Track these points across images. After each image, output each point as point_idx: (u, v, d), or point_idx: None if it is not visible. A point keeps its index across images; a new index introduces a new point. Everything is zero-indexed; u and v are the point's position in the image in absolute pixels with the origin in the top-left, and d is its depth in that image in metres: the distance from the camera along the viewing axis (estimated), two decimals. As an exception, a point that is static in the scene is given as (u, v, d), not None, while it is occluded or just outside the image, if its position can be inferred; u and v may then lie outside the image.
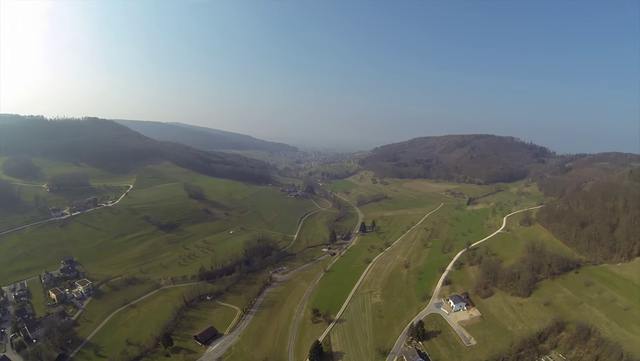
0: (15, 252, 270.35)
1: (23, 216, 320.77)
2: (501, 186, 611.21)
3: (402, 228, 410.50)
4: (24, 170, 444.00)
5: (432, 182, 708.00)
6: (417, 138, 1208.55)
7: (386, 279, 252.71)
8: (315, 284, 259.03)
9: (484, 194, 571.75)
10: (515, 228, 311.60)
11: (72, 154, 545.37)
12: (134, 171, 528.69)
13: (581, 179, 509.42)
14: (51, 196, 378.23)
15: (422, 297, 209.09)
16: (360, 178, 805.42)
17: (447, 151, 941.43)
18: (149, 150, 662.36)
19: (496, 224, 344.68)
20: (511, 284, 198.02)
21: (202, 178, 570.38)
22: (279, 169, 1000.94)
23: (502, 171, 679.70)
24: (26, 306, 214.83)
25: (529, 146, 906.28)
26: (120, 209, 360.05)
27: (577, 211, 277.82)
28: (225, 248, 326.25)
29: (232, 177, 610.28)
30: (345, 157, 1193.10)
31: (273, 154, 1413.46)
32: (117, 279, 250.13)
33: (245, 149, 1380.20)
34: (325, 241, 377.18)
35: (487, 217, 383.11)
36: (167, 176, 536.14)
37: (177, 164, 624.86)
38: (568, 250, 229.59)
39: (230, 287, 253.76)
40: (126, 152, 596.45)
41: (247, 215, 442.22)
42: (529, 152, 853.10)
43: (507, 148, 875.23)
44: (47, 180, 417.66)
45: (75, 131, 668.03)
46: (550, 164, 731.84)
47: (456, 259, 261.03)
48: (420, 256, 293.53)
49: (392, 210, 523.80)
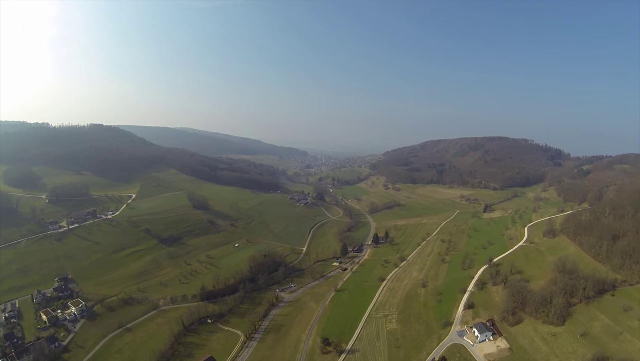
0: (9, 268, 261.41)
1: (19, 229, 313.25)
2: (517, 191, 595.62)
3: (417, 239, 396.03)
4: (23, 180, 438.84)
5: (445, 187, 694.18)
6: (428, 141, 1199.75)
7: (402, 300, 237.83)
8: (325, 305, 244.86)
9: (500, 200, 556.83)
10: (538, 240, 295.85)
11: (75, 162, 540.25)
12: (137, 180, 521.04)
13: (602, 184, 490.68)
14: (50, 207, 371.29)
15: (442, 323, 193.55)
16: (371, 184, 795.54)
17: (460, 155, 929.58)
18: (153, 157, 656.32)
19: (517, 235, 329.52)
20: (542, 310, 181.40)
21: (208, 186, 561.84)
22: (289, 174, 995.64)
23: (518, 176, 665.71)
24: (15, 329, 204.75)
25: (544, 148, 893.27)
26: (120, 222, 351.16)
27: (607, 222, 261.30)
28: (230, 263, 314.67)
29: (239, 184, 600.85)
30: (355, 162, 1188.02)
31: (282, 159, 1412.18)
32: (112, 299, 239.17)
33: (254, 154, 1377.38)
34: (336, 254, 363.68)
35: (507, 227, 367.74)
36: (172, 185, 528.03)
37: (183, 172, 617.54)
38: (601, 268, 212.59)
39: (233, 308, 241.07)
40: (130, 160, 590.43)
41: (254, 226, 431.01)
42: (544, 155, 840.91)
43: (522, 151, 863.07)
44: (47, 190, 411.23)
45: (78, 139, 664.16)
46: (566, 167, 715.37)
47: (478, 278, 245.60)
48: (439, 273, 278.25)
49: (406, 218, 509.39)
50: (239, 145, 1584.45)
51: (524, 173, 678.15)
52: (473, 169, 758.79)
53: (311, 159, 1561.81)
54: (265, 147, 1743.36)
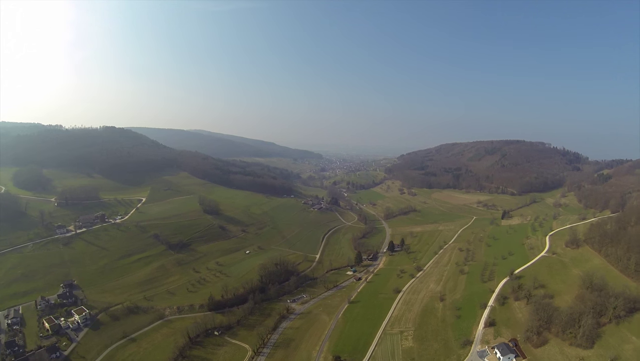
0: (14, 273, 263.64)
1: (27, 232, 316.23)
2: (536, 196, 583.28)
3: (433, 247, 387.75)
4: (34, 182, 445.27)
5: (462, 192, 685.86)
6: (444, 144, 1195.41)
7: (419, 315, 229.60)
8: (338, 318, 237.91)
9: (518, 206, 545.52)
10: (561, 251, 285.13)
11: (86, 165, 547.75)
12: (148, 183, 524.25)
13: (624, 190, 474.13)
14: (59, 210, 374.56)
15: (462, 343, 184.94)
16: (387, 188, 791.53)
17: (476, 159, 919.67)
18: (165, 160, 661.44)
19: (538, 244, 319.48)
20: (569, 331, 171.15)
21: (220, 190, 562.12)
22: (303, 178, 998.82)
23: (536, 180, 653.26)
24: (17, 337, 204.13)
25: (562, 152, 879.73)
26: (128, 226, 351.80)
27: (634, 233, 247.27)
28: (240, 271, 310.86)
29: (252, 188, 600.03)
30: (370, 165, 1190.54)
31: (297, 162, 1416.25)
32: (117, 307, 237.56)
33: (268, 157, 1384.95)
34: (350, 262, 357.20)
35: (527, 235, 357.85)
36: (183, 188, 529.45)
37: (195, 175, 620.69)
38: (631, 284, 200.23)
39: (241, 320, 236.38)
40: (141, 163, 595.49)
41: (266, 232, 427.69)
42: (562, 159, 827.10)
43: (540, 155, 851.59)
44: (57, 193, 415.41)
45: (90, 141, 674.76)
46: (586, 172, 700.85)
47: (498, 292, 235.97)
48: (457, 285, 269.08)
49: (422, 225, 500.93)
50: (253, 148, 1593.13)
51: (542, 178, 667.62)
52: (490, 173, 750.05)
53: (326, 162, 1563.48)
54: (279, 150, 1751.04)
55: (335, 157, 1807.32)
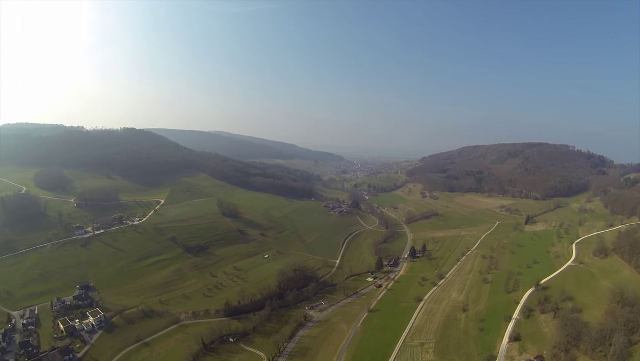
0: (32, 273, 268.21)
1: (46, 233, 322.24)
2: (560, 201, 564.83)
3: (456, 254, 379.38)
4: (54, 183, 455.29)
5: (484, 196, 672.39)
6: (465, 147, 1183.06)
7: (440, 326, 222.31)
8: (357, 327, 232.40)
9: (542, 211, 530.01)
10: (588, 260, 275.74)
11: (106, 166, 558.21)
12: (167, 185, 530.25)
13: None
14: (77, 211, 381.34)
15: (485, 358, 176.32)
16: (408, 191, 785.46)
17: (499, 162, 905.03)
18: (185, 162, 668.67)
19: (565, 253, 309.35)
20: (599, 350, 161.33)
21: (239, 193, 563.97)
22: (324, 180, 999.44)
23: (560, 185, 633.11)
24: (32, 337, 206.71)
25: (586, 155, 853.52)
26: (146, 228, 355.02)
27: None
28: (257, 276, 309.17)
29: (272, 191, 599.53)
30: (392, 167, 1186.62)
31: (318, 164, 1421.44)
32: (132, 310, 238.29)
33: (289, 159, 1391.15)
34: (371, 268, 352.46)
35: (553, 243, 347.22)
36: (202, 190, 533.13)
37: (214, 177, 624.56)
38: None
39: (258, 326, 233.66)
40: (161, 165, 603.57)
41: (285, 236, 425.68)
42: (587, 162, 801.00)
43: (563, 158, 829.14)
44: (77, 194, 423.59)
45: (111, 143, 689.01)
46: (612, 176, 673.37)
47: (524, 303, 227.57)
48: (480, 295, 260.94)
49: (444, 230, 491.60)
50: (273, 149, 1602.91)
51: (567, 182, 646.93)
52: (513, 177, 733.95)
53: (347, 164, 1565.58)
54: (300, 152, 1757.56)
55: (356, 159, 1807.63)
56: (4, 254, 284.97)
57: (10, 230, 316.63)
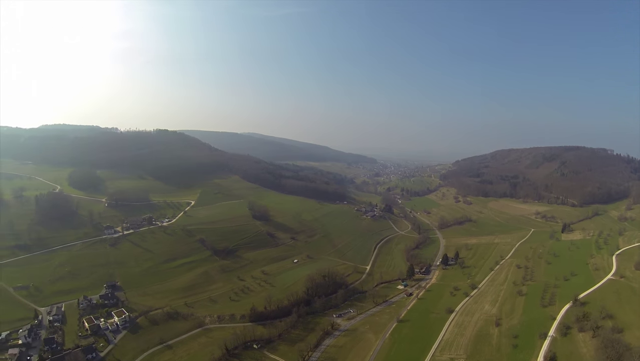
0: (61, 270, 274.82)
1: (76, 231, 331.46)
2: (599, 208, 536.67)
3: (489, 263, 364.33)
4: (87, 182, 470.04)
5: (519, 202, 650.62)
6: (499, 151, 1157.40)
7: (472, 340, 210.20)
8: (385, 338, 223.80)
9: (579, 219, 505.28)
10: (630, 274, 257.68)
11: (138, 167, 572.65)
12: (198, 186, 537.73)
13: None
14: (108, 211, 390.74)
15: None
16: (442, 196, 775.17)
17: (534, 166, 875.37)
18: (216, 163, 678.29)
19: (604, 265, 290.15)
20: None
21: (271, 195, 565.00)
22: (357, 183, 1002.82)
23: (599, 191, 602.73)
24: (57, 334, 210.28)
25: (626, 159, 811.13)
26: (175, 230, 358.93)
27: None
28: (285, 281, 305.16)
29: (304, 194, 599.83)
30: (425, 171, 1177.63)
31: (351, 166, 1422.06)
32: (157, 312, 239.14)
33: (322, 161, 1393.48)
34: (402, 276, 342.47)
35: (592, 254, 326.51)
36: (233, 192, 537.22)
37: (246, 179, 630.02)
38: None
39: (283, 333, 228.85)
40: (192, 166, 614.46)
41: (316, 240, 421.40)
42: (627, 167, 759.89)
43: (602, 163, 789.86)
44: (108, 194, 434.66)
45: (143, 144, 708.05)
46: None
47: (560, 320, 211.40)
48: (514, 308, 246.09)
49: (477, 236, 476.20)
50: (305, 151, 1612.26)
51: (606, 188, 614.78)
52: (549, 182, 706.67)
53: (380, 167, 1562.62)
54: (333, 154, 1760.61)
55: (389, 161, 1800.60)
56: (35, 251, 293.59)
57: (42, 228, 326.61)
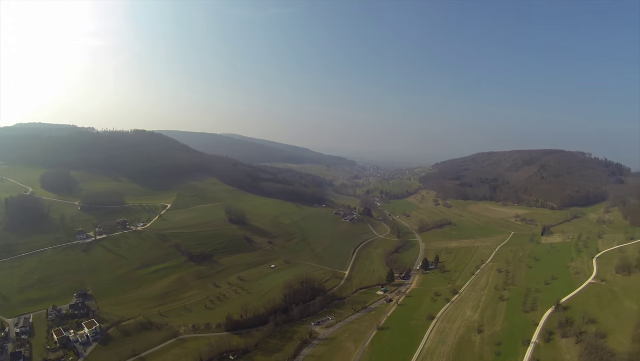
0: (30, 278, 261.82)
1: (47, 236, 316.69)
2: (577, 211, 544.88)
3: (470, 267, 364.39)
4: (60, 184, 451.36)
5: (499, 205, 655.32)
6: (479, 153, 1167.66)
7: (453, 348, 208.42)
8: (365, 347, 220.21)
9: (558, 222, 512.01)
10: (611, 278, 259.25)
11: (114, 168, 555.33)
12: (175, 189, 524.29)
13: None
14: (81, 214, 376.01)
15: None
16: (421, 199, 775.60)
17: (514, 169, 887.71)
18: (194, 165, 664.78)
19: (585, 269, 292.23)
20: None
21: (248, 198, 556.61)
22: (336, 185, 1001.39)
23: (578, 194, 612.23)
24: (24, 348, 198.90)
25: (604, 162, 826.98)
26: (149, 234, 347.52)
27: None
28: (262, 288, 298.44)
29: (283, 197, 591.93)
30: (404, 173, 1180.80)
31: (330, 169, 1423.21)
32: (130, 322, 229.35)
33: (301, 163, 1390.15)
34: (381, 281, 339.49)
35: (572, 257, 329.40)
36: (210, 195, 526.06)
37: (223, 181, 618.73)
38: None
39: (260, 343, 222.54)
40: (169, 167, 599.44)
41: (294, 244, 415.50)
42: (605, 171, 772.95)
43: (580, 166, 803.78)
44: (82, 196, 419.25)
45: (120, 144, 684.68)
46: (631, 185, 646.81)
47: (543, 325, 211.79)
48: (496, 314, 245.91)
49: (457, 240, 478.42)
50: (285, 153, 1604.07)
51: (584, 191, 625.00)
52: (528, 185, 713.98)
53: (359, 169, 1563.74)
54: (313, 156, 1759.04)
55: (369, 164, 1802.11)
56: (3, 257, 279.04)
57: (11, 233, 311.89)
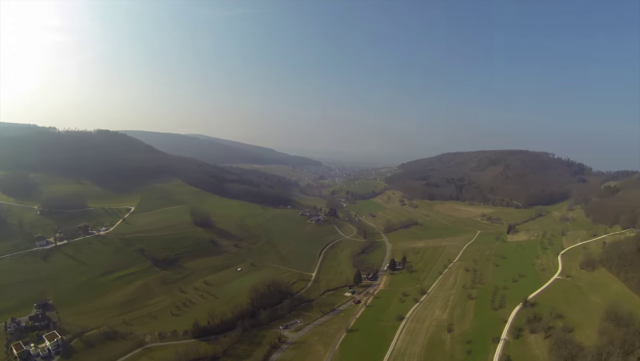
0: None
1: (4, 243, 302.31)
2: (542, 210, 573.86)
3: (437, 266, 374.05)
4: (18, 187, 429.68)
5: (465, 205, 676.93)
6: (446, 154, 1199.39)
7: (424, 348, 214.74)
8: (335, 350, 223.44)
9: (523, 220, 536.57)
10: (576, 274, 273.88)
11: (75, 170, 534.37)
12: (139, 191, 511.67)
13: (635, 204, 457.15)
14: (41, 219, 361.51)
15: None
16: (387, 199, 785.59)
17: (480, 169, 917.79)
18: (159, 166, 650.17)
19: (550, 265, 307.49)
20: None
21: (214, 200, 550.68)
22: (301, 186, 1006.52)
23: (542, 193, 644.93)
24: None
25: (566, 162, 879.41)
26: (112, 239, 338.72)
27: None
28: (229, 292, 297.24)
29: (248, 198, 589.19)
30: (370, 174, 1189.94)
31: (296, 169, 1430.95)
32: (93, 332, 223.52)
33: (267, 164, 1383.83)
34: (349, 282, 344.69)
35: (538, 255, 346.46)
36: (175, 197, 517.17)
37: (189, 183, 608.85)
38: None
39: (228, 349, 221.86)
40: (133, 169, 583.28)
41: (260, 247, 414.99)
42: (567, 170, 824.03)
43: (544, 166, 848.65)
44: (41, 200, 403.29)
45: (83, 145, 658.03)
46: (592, 184, 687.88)
47: (512, 322, 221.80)
48: (465, 312, 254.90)
49: (424, 239, 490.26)
50: (251, 154, 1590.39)
51: (548, 190, 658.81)
52: (494, 185, 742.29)
53: (325, 169, 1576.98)
54: (278, 157, 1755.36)
55: (335, 165, 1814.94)
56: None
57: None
